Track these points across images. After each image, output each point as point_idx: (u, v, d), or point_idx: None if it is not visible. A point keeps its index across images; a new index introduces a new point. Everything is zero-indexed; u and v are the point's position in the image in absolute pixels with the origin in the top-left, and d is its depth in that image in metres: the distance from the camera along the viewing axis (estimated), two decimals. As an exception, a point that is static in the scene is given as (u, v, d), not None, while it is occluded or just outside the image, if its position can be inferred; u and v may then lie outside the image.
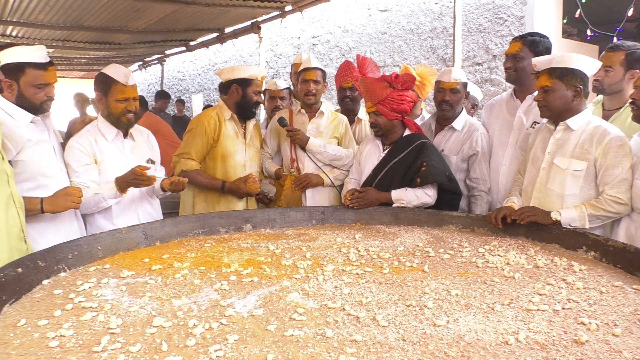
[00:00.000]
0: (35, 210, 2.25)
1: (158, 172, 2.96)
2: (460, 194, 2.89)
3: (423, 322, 1.42)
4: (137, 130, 2.88)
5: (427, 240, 2.40)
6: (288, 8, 6.04)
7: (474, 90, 3.64)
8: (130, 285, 1.74)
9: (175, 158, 3.14)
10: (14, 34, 6.76)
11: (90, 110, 6.95)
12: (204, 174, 3.10)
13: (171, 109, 10.40)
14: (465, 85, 3.10)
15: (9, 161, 2.18)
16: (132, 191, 2.69)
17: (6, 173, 2.01)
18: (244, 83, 3.10)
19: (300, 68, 3.34)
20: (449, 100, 3.03)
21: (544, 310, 1.50)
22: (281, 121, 3.29)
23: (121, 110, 2.65)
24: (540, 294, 1.63)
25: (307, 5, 5.86)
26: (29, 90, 2.35)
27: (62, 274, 1.85)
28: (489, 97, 5.06)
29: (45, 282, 1.75)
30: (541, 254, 2.11)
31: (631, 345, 1.26)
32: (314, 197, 3.32)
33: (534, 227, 2.34)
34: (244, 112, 3.16)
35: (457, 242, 2.32)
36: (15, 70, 2.32)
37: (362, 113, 3.68)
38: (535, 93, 2.80)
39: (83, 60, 9.59)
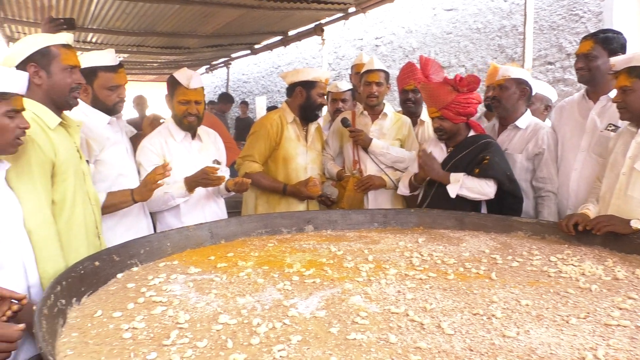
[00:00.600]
0: (128, 202, 2.42)
1: (224, 173, 3.05)
2: (520, 198, 2.77)
3: (491, 332, 1.37)
4: (205, 131, 2.97)
5: (494, 246, 2.31)
6: (351, 10, 6.03)
7: (547, 91, 3.44)
8: (197, 281, 1.79)
9: (239, 160, 3.21)
10: (93, 40, 7.20)
11: (150, 112, 7.30)
12: (266, 176, 3.15)
13: (235, 111, 10.71)
14: (520, 81, 2.95)
15: (87, 161, 2.31)
16: (200, 191, 2.78)
17: (83, 172, 2.13)
18: (308, 85, 3.13)
19: (363, 70, 3.32)
20: (496, 97, 2.94)
21: (625, 326, 1.40)
22: (344, 121, 3.29)
23: (182, 112, 2.75)
24: (620, 308, 1.53)
25: (370, 7, 5.83)
26: (102, 93, 2.48)
27: (135, 269, 1.94)
28: (562, 97, 4.81)
29: (119, 275, 1.84)
30: (620, 265, 1.97)
31: None
32: (376, 200, 3.29)
33: (612, 236, 2.19)
34: (307, 114, 3.19)
35: (526, 250, 2.21)
36: (89, 74, 2.42)
37: (425, 115, 3.61)
38: (610, 93, 2.64)
39: (155, 65, 10.06)
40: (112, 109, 2.53)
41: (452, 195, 2.72)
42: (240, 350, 1.26)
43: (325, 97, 3.46)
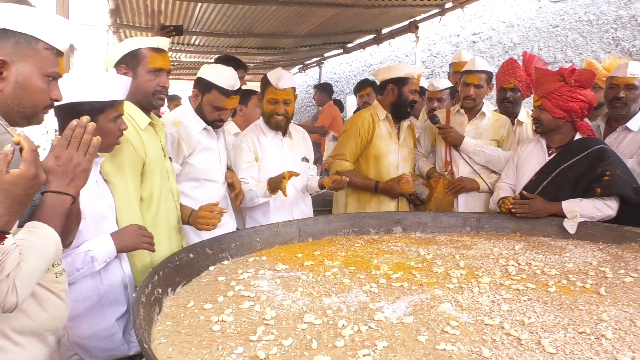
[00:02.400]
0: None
1: (311, 170, 3.07)
2: None
3: (600, 355, 1.23)
4: (295, 129, 3.01)
5: (603, 258, 2.10)
6: (448, 5, 5.80)
7: None
8: (284, 278, 1.81)
9: (330, 159, 3.21)
10: (196, 42, 7.61)
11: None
12: (357, 174, 3.12)
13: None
14: None
15: (169, 158, 2.38)
16: (289, 190, 2.80)
17: (167, 170, 2.21)
18: (400, 82, 3.06)
19: (464, 69, 3.19)
20: (624, 97, 2.65)
21: None
22: (433, 118, 3.18)
23: (270, 111, 2.79)
24: None
25: (468, 1, 5.58)
26: (207, 107, 2.49)
27: (226, 262, 2.00)
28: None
29: (211, 268, 1.91)
30: None
31: None
32: (467, 203, 3.12)
33: None
34: (399, 111, 3.12)
35: (642, 264, 1.99)
36: (205, 86, 2.48)
37: (523, 115, 3.38)
38: None
39: (251, 65, 10.44)
40: (210, 123, 2.56)
41: (573, 231, 2.46)
42: (325, 352, 1.24)
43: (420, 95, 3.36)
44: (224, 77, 2.48)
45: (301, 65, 11.16)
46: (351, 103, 11.06)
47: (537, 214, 2.54)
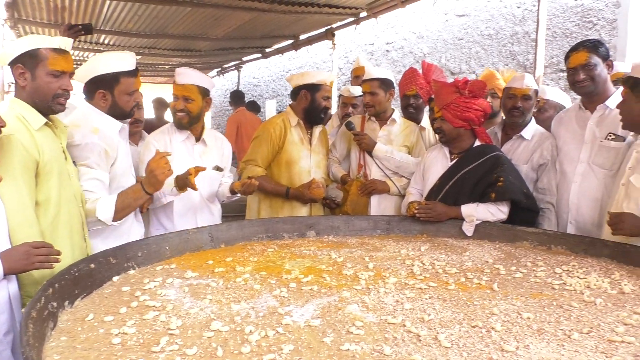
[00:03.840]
0: (142, 196, 2.27)
1: (226, 179, 3.02)
2: (537, 212, 2.71)
3: (490, 346, 1.32)
4: (212, 135, 2.95)
5: (498, 256, 2.26)
6: (363, 14, 6.00)
7: (560, 97, 3.38)
8: (193, 286, 1.77)
9: (242, 164, 3.20)
10: (106, 42, 7.25)
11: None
12: (269, 179, 3.13)
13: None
14: (536, 92, 2.95)
15: (74, 162, 2.23)
16: (193, 197, 2.76)
17: (69, 173, 2.09)
18: (313, 88, 3.10)
19: (362, 77, 3.30)
20: (521, 107, 2.87)
21: (629, 343, 1.35)
22: (348, 125, 3.27)
23: (172, 108, 2.77)
24: (625, 324, 1.48)
25: (382, 12, 5.79)
26: (122, 99, 2.33)
27: (132, 272, 1.92)
28: (573, 105, 4.73)
29: (115, 278, 1.83)
30: (628, 278, 1.92)
31: None
32: (380, 205, 3.25)
33: (620, 249, 2.14)
34: (312, 117, 3.16)
35: (530, 260, 2.16)
36: (111, 80, 2.30)
37: (425, 121, 3.56)
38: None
39: (166, 67, 10.11)
40: (128, 114, 2.42)
41: (470, 234, 2.61)
42: (230, 359, 1.23)
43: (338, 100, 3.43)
44: (123, 61, 2.34)
45: (219, 69, 11.00)
46: (270, 108, 11.07)
47: (438, 218, 2.68)
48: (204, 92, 2.80)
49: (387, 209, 3.22)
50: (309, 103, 3.12)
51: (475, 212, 2.62)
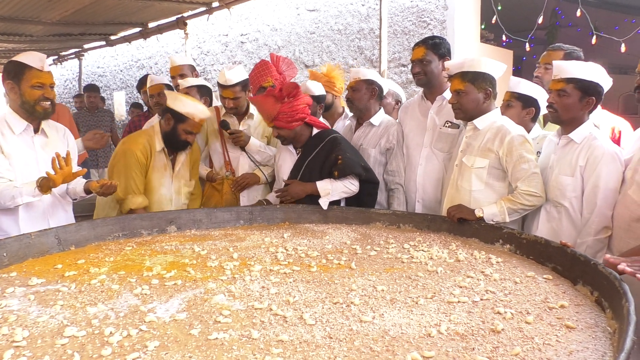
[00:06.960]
0: None
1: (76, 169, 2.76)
2: (377, 182, 2.96)
3: (350, 319, 1.43)
4: (52, 126, 2.67)
5: (355, 237, 2.43)
6: (215, 4, 5.89)
7: (395, 87, 3.84)
8: (39, 293, 1.61)
9: (120, 196, 2.82)
10: None
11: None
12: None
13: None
14: (370, 82, 3.12)
15: None
16: (43, 197, 2.48)
17: None
18: (179, 118, 2.85)
19: (219, 82, 3.18)
20: (349, 98, 3.15)
21: (464, 302, 1.56)
22: (224, 124, 3.22)
23: (37, 97, 2.44)
24: (460, 287, 1.70)
25: (234, 2, 5.75)
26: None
27: (-39, 285, 1.68)
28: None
29: (-61, 294, 1.59)
30: (462, 248, 2.20)
31: (542, 332, 1.34)
32: (249, 196, 3.29)
33: (456, 223, 2.44)
34: (170, 145, 2.94)
35: (383, 239, 2.36)
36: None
37: None
38: (445, 94, 2.94)
39: (-10, 52, 8.85)
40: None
41: (326, 207, 2.77)
42: (89, 364, 1.16)
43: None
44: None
45: (56, 57, 9.93)
46: (119, 100, 10.32)
47: (296, 196, 2.83)
48: None
49: (256, 199, 3.25)
50: (169, 130, 2.88)
51: (330, 187, 2.80)
